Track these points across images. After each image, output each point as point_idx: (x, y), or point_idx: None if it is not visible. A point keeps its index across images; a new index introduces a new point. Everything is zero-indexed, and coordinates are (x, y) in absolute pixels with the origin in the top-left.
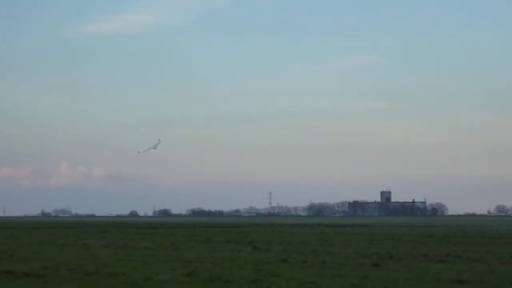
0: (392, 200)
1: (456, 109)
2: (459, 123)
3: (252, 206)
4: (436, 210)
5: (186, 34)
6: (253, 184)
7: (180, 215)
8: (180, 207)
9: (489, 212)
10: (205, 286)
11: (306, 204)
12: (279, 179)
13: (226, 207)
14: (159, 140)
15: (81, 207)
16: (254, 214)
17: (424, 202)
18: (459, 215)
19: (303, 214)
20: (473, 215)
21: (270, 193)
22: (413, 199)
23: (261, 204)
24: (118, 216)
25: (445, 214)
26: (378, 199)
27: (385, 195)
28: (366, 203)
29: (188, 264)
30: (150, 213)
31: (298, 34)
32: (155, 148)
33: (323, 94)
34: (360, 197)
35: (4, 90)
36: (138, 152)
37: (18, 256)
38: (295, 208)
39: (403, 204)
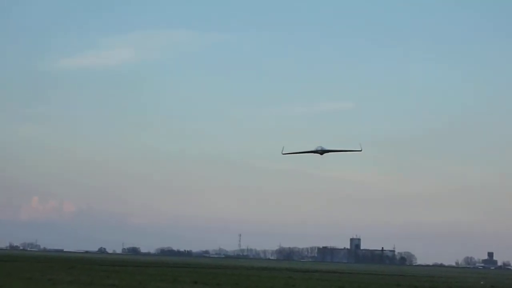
0: (362, 247)
1: (426, 157)
2: (430, 171)
3: (221, 247)
4: (404, 259)
5: (138, 71)
6: (223, 225)
7: (148, 254)
8: (149, 245)
9: (457, 263)
10: None
11: (275, 247)
12: (250, 221)
13: (195, 248)
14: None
15: (50, 242)
16: (223, 256)
17: (393, 251)
18: (427, 265)
19: (272, 258)
20: (441, 265)
21: (240, 235)
22: (382, 247)
23: (230, 246)
24: (86, 252)
25: (414, 264)
26: (348, 245)
27: (355, 242)
28: (335, 249)
29: None
30: (119, 251)
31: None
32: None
33: (295, 138)
34: (329, 243)
35: None
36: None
37: None
38: (264, 251)
39: (372, 252)
